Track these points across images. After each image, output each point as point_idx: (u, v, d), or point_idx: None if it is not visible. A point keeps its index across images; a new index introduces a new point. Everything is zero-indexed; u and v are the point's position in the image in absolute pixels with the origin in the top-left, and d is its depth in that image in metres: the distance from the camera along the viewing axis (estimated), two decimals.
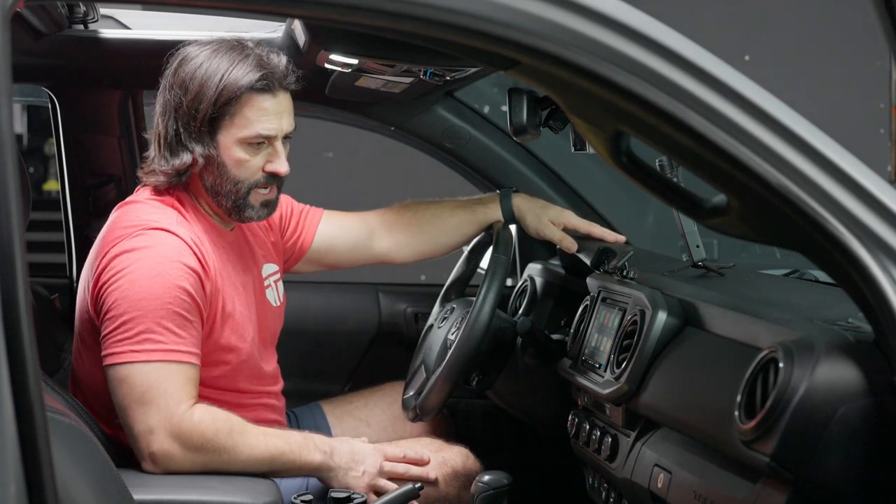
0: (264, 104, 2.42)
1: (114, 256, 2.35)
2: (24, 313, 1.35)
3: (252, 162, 2.44)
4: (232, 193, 2.45)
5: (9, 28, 1.40)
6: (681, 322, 2.23)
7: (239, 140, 2.42)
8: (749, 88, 1.59)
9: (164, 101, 2.44)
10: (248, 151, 2.43)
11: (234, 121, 2.41)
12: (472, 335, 2.63)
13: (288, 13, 2.27)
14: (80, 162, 3.29)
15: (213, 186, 2.46)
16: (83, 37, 3.11)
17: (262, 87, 2.41)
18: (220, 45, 2.45)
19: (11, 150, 1.38)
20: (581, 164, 3.38)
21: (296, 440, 2.41)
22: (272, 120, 2.43)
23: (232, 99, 2.39)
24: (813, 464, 1.64)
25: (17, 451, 1.34)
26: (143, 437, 2.28)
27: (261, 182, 2.46)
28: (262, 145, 2.44)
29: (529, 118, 2.57)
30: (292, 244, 2.83)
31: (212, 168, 2.44)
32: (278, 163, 2.46)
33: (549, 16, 1.54)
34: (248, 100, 2.40)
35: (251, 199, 2.47)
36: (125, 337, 2.29)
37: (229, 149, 2.42)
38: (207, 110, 2.39)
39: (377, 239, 2.88)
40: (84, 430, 1.78)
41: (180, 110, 2.41)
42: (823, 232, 1.57)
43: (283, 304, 2.72)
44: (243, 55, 2.42)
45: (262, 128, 2.42)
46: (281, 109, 2.45)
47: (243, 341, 2.49)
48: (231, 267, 2.50)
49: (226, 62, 2.40)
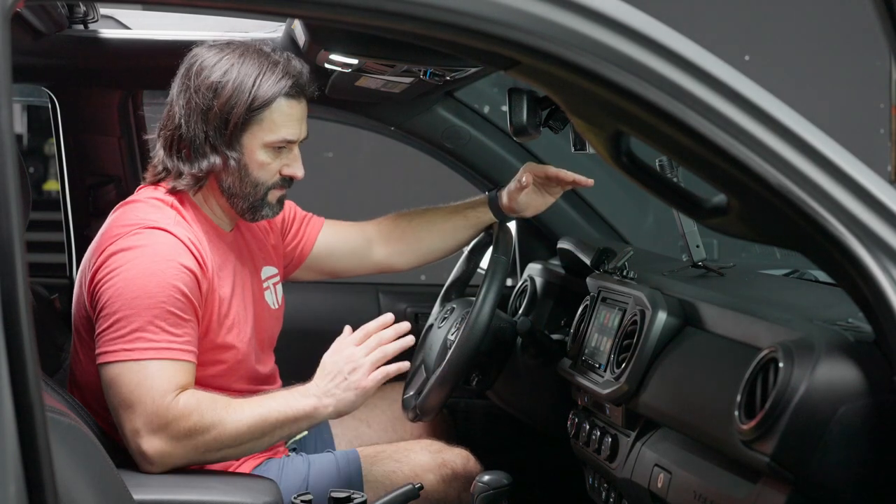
0: (292, 110, 2.47)
1: (110, 255, 2.35)
2: (24, 313, 1.35)
3: (272, 165, 2.49)
4: (251, 195, 2.49)
5: (9, 28, 1.40)
6: (681, 322, 2.23)
7: (265, 144, 2.46)
8: (749, 88, 1.59)
9: (188, 104, 2.44)
10: (270, 155, 2.48)
11: (263, 125, 2.45)
12: (472, 335, 2.63)
13: (288, 13, 2.27)
14: (80, 162, 3.29)
15: (231, 188, 2.48)
16: (83, 37, 3.11)
17: (292, 94, 2.46)
18: (245, 49, 2.47)
19: (11, 150, 1.38)
20: (581, 164, 3.38)
21: (280, 395, 2.40)
22: (296, 125, 2.49)
23: (265, 104, 2.43)
24: (813, 464, 1.64)
25: (17, 451, 1.34)
26: (132, 439, 2.28)
27: (277, 184, 2.51)
28: (283, 149, 2.49)
29: (529, 118, 2.57)
30: (292, 249, 2.83)
31: (234, 170, 2.46)
32: (296, 167, 2.51)
33: (550, 16, 1.54)
34: (278, 105, 2.44)
35: (269, 199, 2.52)
36: (118, 335, 2.30)
37: (253, 152, 2.46)
38: (242, 114, 2.42)
39: (375, 247, 2.91)
40: (84, 430, 1.78)
41: (210, 113, 2.42)
42: (823, 232, 1.57)
43: (281, 308, 2.72)
44: (271, 61, 2.45)
45: (287, 132, 2.47)
46: (303, 115, 2.51)
47: (240, 342, 2.49)
48: (229, 267, 2.51)
49: (255, 67, 2.44)
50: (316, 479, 2.55)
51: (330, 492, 2.35)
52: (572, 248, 2.94)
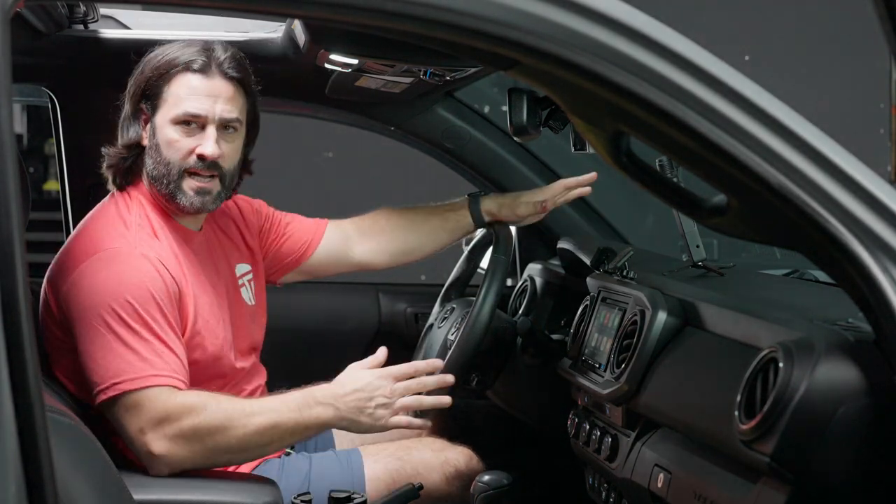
0: (194, 83, 2.42)
1: (78, 278, 2.32)
2: (24, 313, 1.35)
3: (181, 142, 2.42)
4: (165, 177, 2.43)
5: (9, 28, 1.40)
6: (681, 322, 2.23)
7: (171, 119, 2.42)
8: (749, 88, 1.59)
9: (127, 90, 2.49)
10: (178, 132, 2.42)
11: (169, 100, 2.42)
12: (472, 335, 2.63)
13: (288, 13, 2.27)
14: (80, 162, 3.28)
15: (152, 172, 2.45)
16: (83, 37, 3.11)
17: (197, 68, 2.42)
18: (182, 40, 2.49)
19: (11, 150, 1.38)
20: (581, 164, 3.38)
21: (293, 401, 2.32)
22: (203, 101, 2.42)
23: (164, 74, 2.42)
24: (813, 464, 1.64)
25: (17, 451, 1.34)
26: (137, 440, 2.26)
27: (191, 166, 2.43)
28: (194, 128, 2.43)
29: (529, 118, 2.57)
30: (278, 250, 2.80)
31: (151, 150, 2.45)
32: (205, 144, 2.42)
33: (550, 16, 1.54)
34: (180, 78, 2.42)
35: (184, 185, 2.43)
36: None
37: (163, 129, 2.43)
38: (143, 84, 2.43)
39: (353, 245, 2.86)
40: (84, 430, 1.78)
41: (130, 90, 2.46)
42: (823, 232, 1.57)
43: (261, 304, 2.69)
44: (193, 44, 2.46)
45: (190, 106, 2.41)
46: (216, 93, 2.43)
47: (214, 339, 2.46)
48: (199, 269, 2.47)
49: (175, 48, 2.45)
50: (317, 477, 2.55)
51: (330, 492, 2.35)
52: (572, 248, 2.94)
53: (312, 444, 2.81)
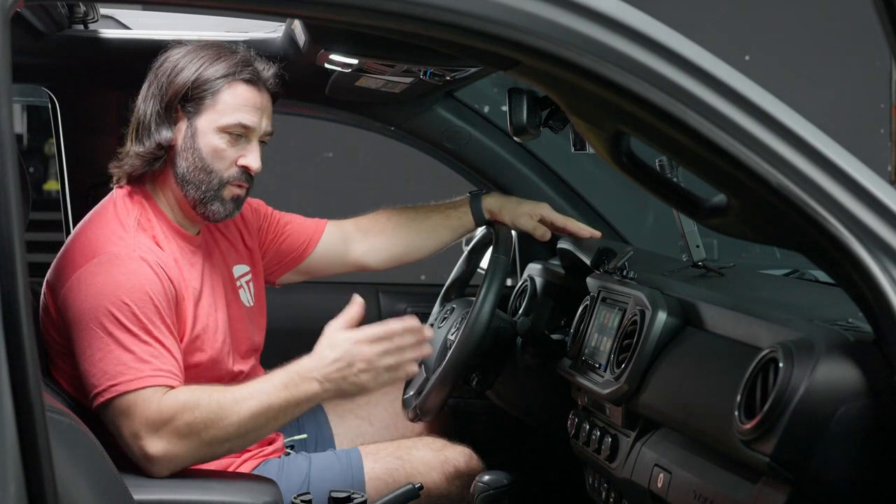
0: (248, 94, 2.43)
1: (76, 282, 2.32)
2: (24, 313, 1.36)
3: (228, 152, 2.42)
4: (203, 183, 2.42)
5: (9, 28, 1.40)
6: (681, 322, 2.23)
7: (218, 127, 2.41)
8: (749, 88, 1.59)
9: (148, 89, 2.45)
10: (225, 141, 2.42)
11: (217, 107, 2.41)
12: (472, 335, 2.63)
13: (288, 13, 2.27)
14: (80, 162, 3.28)
15: (185, 174, 2.43)
16: (83, 37, 3.11)
17: (247, 79, 2.43)
18: (213, 44, 2.47)
19: (11, 150, 1.38)
20: (581, 164, 3.38)
21: (278, 379, 2.30)
22: (254, 113, 2.43)
23: (213, 81, 2.40)
24: (813, 464, 1.64)
25: (17, 451, 1.34)
26: (134, 443, 2.26)
27: (234, 177, 2.44)
28: (240, 138, 2.43)
29: (529, 118, 2.57)
30: (276, 249, 2.80)
31: (187, 154, 2.42)
32: (251, 157, 2.44)
33: (550, 16, 1.54)
34: (231, 87, 2.41)
35: (223, 193, 2.44)
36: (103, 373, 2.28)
37: (207, 135, 2.41)
38: (186, 87, 2.39)
39: (354, 245, 2.86)
40: (84, 430, 1.78)
41: (161, 90, 2.42)
42: (823, 232, 1.57)
43: (260, 305, 2.68)
44: (232, 51, 2.45)
45: (242, 117, 2.42)
46: (262, 106, 2.45)
47: (214, 342, 2.46)
48: (198, 272, 2.47)
49: (215, 54, 2.43)
50: (317, 477, 2.55)
51: (330, 492, 2.35)
52: (572, 248, 2.94)
53: (312, 444, 2.81)
